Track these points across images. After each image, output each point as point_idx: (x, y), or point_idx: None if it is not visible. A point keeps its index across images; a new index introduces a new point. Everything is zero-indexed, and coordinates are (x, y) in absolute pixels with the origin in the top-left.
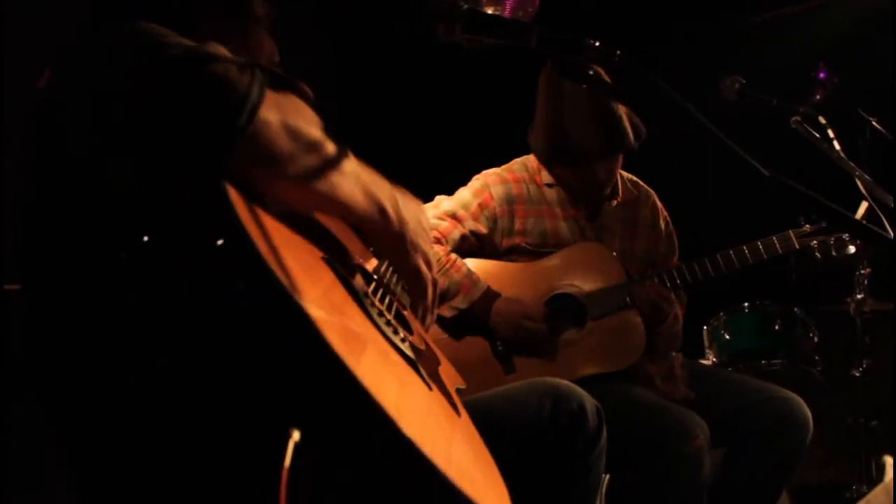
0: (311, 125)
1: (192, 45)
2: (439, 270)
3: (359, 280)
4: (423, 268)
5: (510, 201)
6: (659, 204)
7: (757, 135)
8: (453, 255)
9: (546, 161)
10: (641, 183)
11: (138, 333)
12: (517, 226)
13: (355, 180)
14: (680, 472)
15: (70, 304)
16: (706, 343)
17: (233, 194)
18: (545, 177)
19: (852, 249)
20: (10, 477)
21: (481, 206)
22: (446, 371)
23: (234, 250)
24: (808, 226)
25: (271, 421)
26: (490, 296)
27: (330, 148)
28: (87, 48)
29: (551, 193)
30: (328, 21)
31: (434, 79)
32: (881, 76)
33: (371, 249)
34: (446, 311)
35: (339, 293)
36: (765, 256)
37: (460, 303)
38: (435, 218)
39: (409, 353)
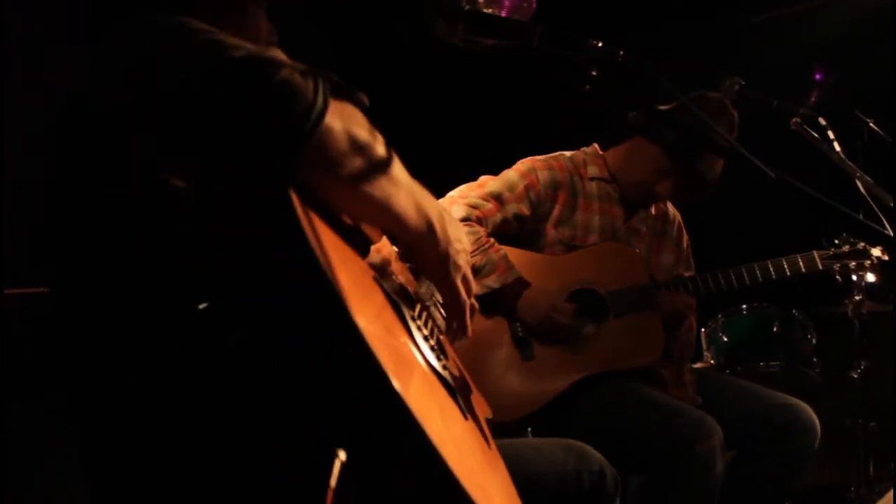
0: (368, 134)
1: (253, 49)
2: (478, 249)
3: (403, 300)
4: (462, 288)
5: (555, 186)
6: (683, 227)
7: (756, 137)
8: (492, 239)
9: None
10: (671, 204)
11: (190, 342)
12: (555, 212)
13: (408, 193)
14: (693, 472)
15: (133, 311)
16: (704, 345)
17: (296, 203)
18: (591, 171)
19: (872, 278)
20: (10, 477)
21: (527, 188)
22: (477, 400)
23: (294, 259)
24: (833, 249)
25: (312, 436)
26: (522, 283)
27: (386, 158)
28: (131, 45)
29: (592, 187)
30: (328, 21)
31: (433, 77)
32: (881, 76)
33: (410, 266)
34: (477, 288)
35: (390, 315)
36: (788, 273)
37: (493, 282)
38: (479, 198)
39: (449, 380)
